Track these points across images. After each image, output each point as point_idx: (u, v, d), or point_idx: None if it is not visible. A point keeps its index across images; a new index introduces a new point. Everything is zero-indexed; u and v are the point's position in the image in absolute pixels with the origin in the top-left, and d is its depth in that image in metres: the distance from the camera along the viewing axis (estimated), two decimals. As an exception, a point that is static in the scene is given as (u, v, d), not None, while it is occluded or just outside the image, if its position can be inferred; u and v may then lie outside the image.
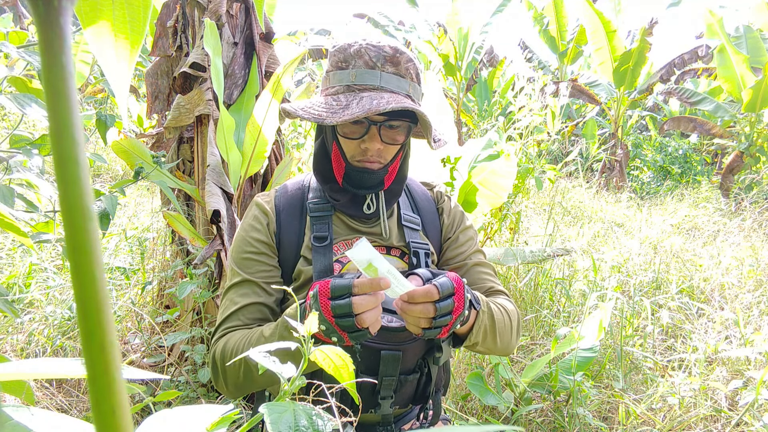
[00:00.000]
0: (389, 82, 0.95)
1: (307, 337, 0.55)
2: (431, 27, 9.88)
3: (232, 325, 0.99)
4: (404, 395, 1.02)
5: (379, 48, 0.95)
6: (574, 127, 9.75)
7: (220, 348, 0.96)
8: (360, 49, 0.95)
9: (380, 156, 1.01)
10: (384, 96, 0.93)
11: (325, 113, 0.93)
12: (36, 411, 0.39)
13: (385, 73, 0.95)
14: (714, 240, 4.49)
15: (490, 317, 0.98)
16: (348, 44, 0.97)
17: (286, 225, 1.06)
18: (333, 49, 0.99)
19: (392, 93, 0.94)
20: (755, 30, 7.41)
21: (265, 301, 1.01)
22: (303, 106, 0.99)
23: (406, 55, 0.97)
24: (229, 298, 1.02)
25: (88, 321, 0.17)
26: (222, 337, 0.99)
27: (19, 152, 1.14)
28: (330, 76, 0.99)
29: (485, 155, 2.84)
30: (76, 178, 0.17)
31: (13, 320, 2.04)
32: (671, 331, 2.73)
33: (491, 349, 1.02)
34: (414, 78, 0.98)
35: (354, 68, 0.96)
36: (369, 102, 0.91)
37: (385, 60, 0.95)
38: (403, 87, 0.96)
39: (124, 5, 0.32)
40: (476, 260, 1.14)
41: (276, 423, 0.43)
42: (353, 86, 0.95)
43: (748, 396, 1.75)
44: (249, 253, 1.04)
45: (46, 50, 0.18)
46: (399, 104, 0.90)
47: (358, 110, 0.90)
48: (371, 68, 0.95)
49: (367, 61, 0.95)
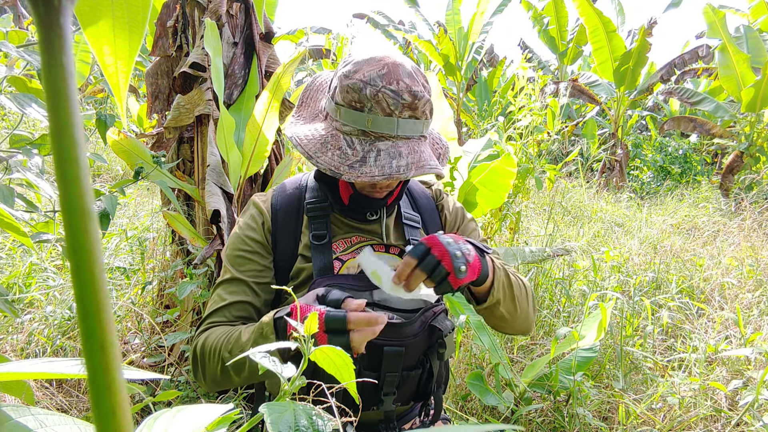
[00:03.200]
0: (405, 129, 0.92)
1: (307, 338, 0.55)
2: (431, 27, 9.87)
3: (216, 320, 1.01)
4: (406, 392, 1.03)
5: (397, 94, 0.90)
6: (574, 127, 9.75)
7: (201, 342, 0.98)
8: (377, 94, 0.90)
9: (389, 186, 1.03)
10: (401, 150, 0.92)
11: (341, 166, 0.92)
12: (36, 411, 0.39)
13: (402, 119, 0.92)
14: (714, 240, 4.49)
15: (506, 276, 1.03)
16: (363, 82, 0.91)
17: (283, 224, 1.06)
18: (346, 82, 0.93)
19: (408, 140, 0.93)
20: (755, 30, 7.41)
21: (251, 300, 1.03)
22: (310, 136, 0.97)
23: (424, 98, 0.93)
24: (218, 294, 1.04)
25: (88, 321, 0.17)
26: (205, 331, 1.01)
27: (19, 152, 1.14)
28: (342, 111, 0.94)
29: (485, 155, 2.84)
30: (76, 177, 0.17)
31: (13, 320, 2.04)
32: (671, 331, 2.73)
33: (512, 314, 1.05)
34: (428, 116, 0.96)
35: (370, 113, 0.91)
36: (387, 161, 0.90)
37: (403, 107, 0.91)
38: (418, 129, 0.94)
39: (123, 5, 0.32)
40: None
41: (276, 423, 0.43)
42: (369, 132, 0.92)
43: (748, 396, 1.75)
44: (242, 251, 1.05)
45: (46, 50, 0.18)
46: (419, 170, 0.91)
47: (377, 172, 0.90)
48: (388, 115, 0.91)
49: (384, 108, 0.91)
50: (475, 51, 9.24)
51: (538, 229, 4.37)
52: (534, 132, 3.42)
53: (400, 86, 0.90)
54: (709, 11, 6.92)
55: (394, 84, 0.90)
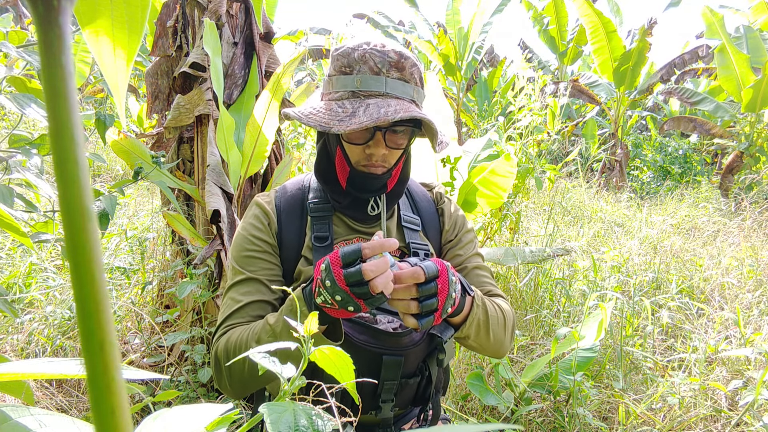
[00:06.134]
0: (394, 88, 0.94)
1: (307, 337, 0.55)
2: (431, 27, 9.87)
3: (234, 322, 0.97)
4: (405, 398, 1.02)
5: (383, 53, 0.94)
6: (574, 127, 9.75)
7: (222, 345, 0.94)
8: (364, 54, 0.94)
9: (384, 160, 1.01)
10: (390, 103, 0.92)
11: (331, 120, 0.92)
12: (36, 411, 0.39)
13: (390, 78, 0.94)
14: (714, 240, 4.49)
15: (484, 312, 0.98)
16: (351, 48, 0.95)
17: (287, 225, 1.06)
18: (336, 53, 0.97)
19: (397, 99, 0.94)
20: (755, 30, 7.41)
21: (268, 298, 1.00)
22: (306, 112, 0.98)
23: (411, 59, 0.96)
24: (231, 297, 1.00)
25: (87, 321, 0.17)
26: (224, 334, 0.96)
27: (19, 152, 1.14)
28: (333, 81, 0.97)
29: (485, 155, 2.84)
30: (75, 177, 0.17)
31: (13, 320, 2.04)
32: (671, 331, 2.73)
33: (483, 345, 1.01)
34: (418, 82, 0.98)
35: (359, 74, 0.94)
36: (376, 110, 0.90)
37: (390, 65, 0.94)
38: (408, 92, 0.96)
39: (122, 5, 0.32)
40: (475, 263, 1.16)
41: (276, 423, 0.43)
42: (358, 92, 0.94)
43: (748, 396, 1.75)
44: (251, 251, 1.03)
45: (45, 50, 0.17)
46: (407, 113, 0.90)
47: (366, 119, 0.89)
48: (376, 74, 0.94)
49: (371, 66, 0.94)
50: (475, 51, 9.23)
51: (538, 229, 4.37)
52: (534, 132, 3.42)
53: (386, 47, 0.95)
54: (707, 12, 6.92)
55: (379, 46, 0.95)
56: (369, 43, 0.96)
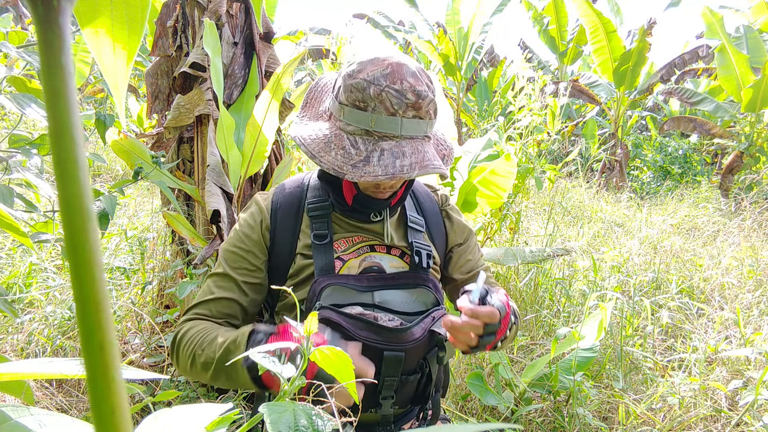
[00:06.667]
0: (409, 129, 0.92)
1: (306, 337, 0.55)
2: (431, 27, 9.87)
3: (201, 312, 1.03)
4: (405, 395, 1.03)
5: (401, 94, 0.90)
6: (574, 127, 9.75)
7: (182, 332, 1.01)
8: (381, 93, 0.90)
9: (392, 188, 1.03)
10: (405, 151, 0.91)
11: (345, 165, 0.92)
12: (36, 411, 0.39)
13: (406, 118, 0.91)
14: (714, 240, 4.49)
15: (515, 330, 1.08)
16: (366, 82, 0.91)
17: (282, 223, 1.07)
18: (350, 81, 0.92)
19: (411, 139, 0.93)
20: (755, 30, 7.41)
21: (238, 299, 1.04)
22: (315, 136, 0.97)
23: (428, 97, 0.93)
24: (208, 285, 1.06)
25: (87, 321, 0.17)
26: (189, 320, 1.03)
27: (18, 152, 1.14)
28: (345, 111, 0.94)
29: (485, 155, 2.84)
30: (75, 177, 0.17)
31: (13, 320, 2.04)
32: (671, 331, 2.73)
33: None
34: (432, 116, 0.96)
35: (374, 112, 0.91)
36: (391, 160, 0.90)
37: (407, 107, 0.91)
38: (422, 129, 0.94)
39: (122, 5, 0.32)
40: (484, 266, 1.22)
41: (276, 423, 0.43)
42: (372, 132, 0.92)
43: (748, 396, 1.75)
44: (237, 248, 1.06)
45: (45, 50, 0.18)
46: (422, 170, 0.90)
47: (381, 171, 0.89)
48: (392, 114, 0.91)
49: (387, 107, 0.90)
50: (475, 51, 9.23)
51: (538, 229, 4.37)
52: (534, 132, 3.42)
53: (404, 86, 0.90)
54: (707, 13, 6.92)
55: (397, 83, 0.90)
56: (386, 77, 0.90)
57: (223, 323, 1.03)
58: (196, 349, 0.95)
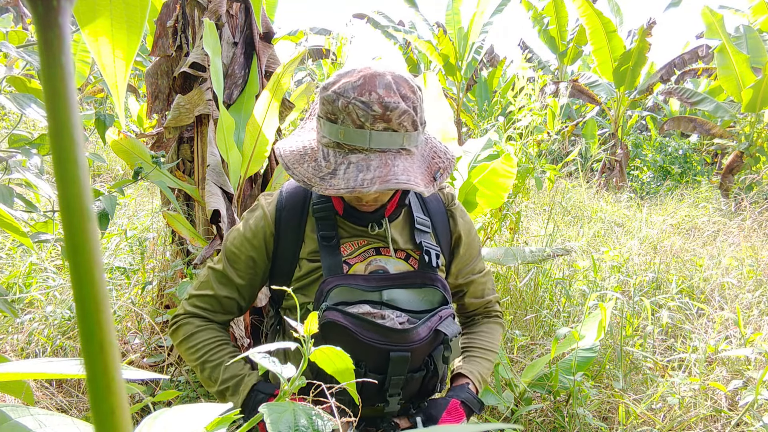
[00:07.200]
0: (379, 142, 0.88)
1: (306, 338, 0.55)
2: (431, 27, 9.87)
3: (202, 306, 1.09)
4: (410, 391, 1.05)
5: (367, 105, 0.86)
6: (574, 127, 9.75)
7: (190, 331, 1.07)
8: (348, 106, 0.87)
9: (376, 201, 1.00)
10: (371, 164, 0.87)
11: (314, 177, 0.91)
12: (35, 411, 0.39)
13: (375, 131, 0.88)
14: (714, 240, 4.49)
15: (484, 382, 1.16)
16: (336, 94, 0.89)
17: (286, 227, 1.07)
18: (323, 94, 0.92)
19: (381, 153, 0.89)
20: (755, 30, 7.41)
21: (236, 297, 1.10)
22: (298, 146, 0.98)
23: (398, 109, 0.87)
24: (210, 277, 1.10)
25: (87, 321, 0.17)
26: (193, 316, 1.09)
27: (18, 152, 1.14)
28: (321, 123, 0.93)
29: (485, 155, 2.84)
30: (75, 177, 0.17)
31: (13, 320, 2.04)
32: (671, 331, 2.73)
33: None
34: (409, 127, 0.90)
35: (342, 125, 0.89)
36: (354, 174, 0.87)
37: (374, 119, 0.87)
38: (396, 141, 0.89)
39: (122, 5, 0.32)
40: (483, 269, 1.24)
41: (276, 423, 0.43)
42: (343, 144, 0.90)
43: (748, 396, 1.75)
44: (238, 250, 1.08)
45: (45, 50, 0.17)
46: (383, 185, 0.86)
47: (342, 185, 0.87)
48: (359, 127, 0.88)
49: (354, 119, 0.88)
50: (475, 51, 9.23)
51: (538, 229, 4.37)
52: (534, 132, 3.42)
53: (371, 97, 0.87)
54: (707, 12, 6.92)
55: (365, 95, 0.87)
56: (355, 89, 0.88)
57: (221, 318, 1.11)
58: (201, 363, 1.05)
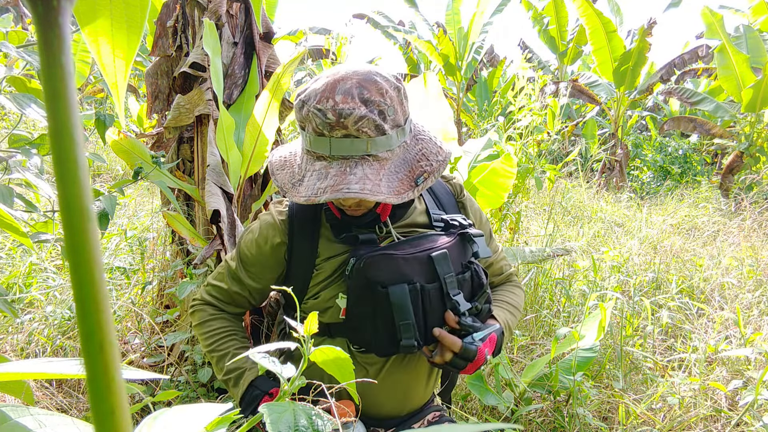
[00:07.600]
0: (340, 149, 0.88)
1: (306, 338, 0.55)
2: (431, 27, 9.87)
3: (215, 295, 1.15)
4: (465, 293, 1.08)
5: (323, 113, 0.86)
6: (574, 127, 9.75)
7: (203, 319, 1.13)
8: (308, 114, 0.88)
9: (359, 207, 0.98)
10: (330, 172, 0.88)
11: (287, 183, 0.95)
12: (35, 411, 0.39)
13: (335, 138, 0.87)
14: (714, 240, 4.49)
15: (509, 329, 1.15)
16: (301, 101, 0.90)
17: (300, 234, 1.06)
18: (296, 99, 0.93)
19: (343, 160, 0.88)
20: (755, 30, 7.41)
21: (246, 295, 1.13)
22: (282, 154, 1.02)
23: (354, 114, 0.85)
24: (227, 274, 1.13)
25: (87, 321, 0.17)
26: (206, 304, 1.15)
27: (18, 152, 1.14)
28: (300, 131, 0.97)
29: (485, 155, 2.84)
30: (75, 178, 0.17)
31: (13, 320, 2.04)
32: (671, 331, 2.73)
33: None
34: (372, 133, 0.87)
35: (308, 133, 0.90)
36: (313, 183, 0.89)
37: (331, 127, 0.86)
38: (359, 148, 0.87)
39: (122, 5, 0.32)
40: (497, 249, 1.27)
41: (276, 423, 0.43)
42: (311, 151, 0.92)
43: (748, 396, 1.75)
44: (251, 254, 1.10)
45: (45, 50, 0.17)
46: (334, 194, 0.85)
47: (303, 193, 0.90)
48: (320, 135, 0.88)
49: (314, 128, 0.88)
50: (475, 51, 9.23)
51: (538, 229, 4.37)
52: (534, 132, 3.42)
53: (327, 105, 0.86)
54: (707, 13, 6.92)
55: (322, 102, 0.87)
56: (316, 96, 0.88)
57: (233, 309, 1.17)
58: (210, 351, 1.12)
